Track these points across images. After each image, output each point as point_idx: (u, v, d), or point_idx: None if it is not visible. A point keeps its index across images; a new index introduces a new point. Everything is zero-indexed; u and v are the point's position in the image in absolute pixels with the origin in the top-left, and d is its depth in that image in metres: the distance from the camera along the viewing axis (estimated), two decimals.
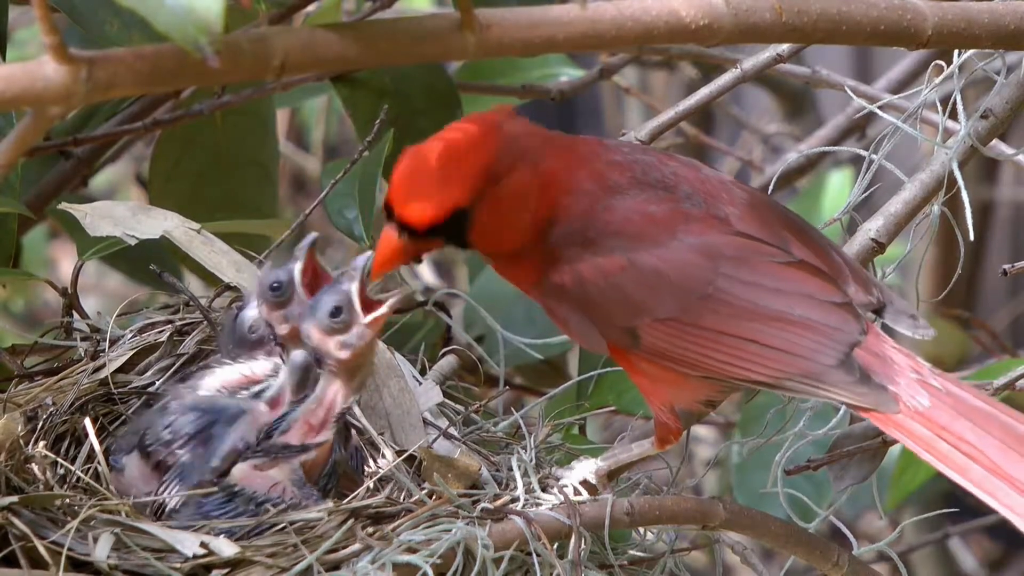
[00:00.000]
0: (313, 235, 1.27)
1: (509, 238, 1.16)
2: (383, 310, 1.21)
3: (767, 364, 1.13)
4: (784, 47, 1.40)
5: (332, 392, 1.22)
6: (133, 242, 1.33)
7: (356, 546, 1.13)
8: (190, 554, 1.11)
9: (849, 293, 1.15)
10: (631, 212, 1.16)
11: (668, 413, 1.18)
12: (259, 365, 1.25)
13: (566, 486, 1.19)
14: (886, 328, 1.18)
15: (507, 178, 1.15)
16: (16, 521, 1.11)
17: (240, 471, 1.19)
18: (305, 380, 1.23)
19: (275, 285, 1.25)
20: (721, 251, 1.14)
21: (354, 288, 1.21)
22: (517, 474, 1.20)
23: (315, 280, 1.25)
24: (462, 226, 1.15)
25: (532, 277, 1.18)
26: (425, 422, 1.29)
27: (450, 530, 1.13)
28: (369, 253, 1.22)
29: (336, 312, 1.21)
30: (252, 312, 1.26)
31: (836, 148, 1.65)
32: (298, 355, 1.23)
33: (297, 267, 1.25)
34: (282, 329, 1.25)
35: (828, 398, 1.13)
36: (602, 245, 1.15)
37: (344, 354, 1.21)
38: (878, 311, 1.17)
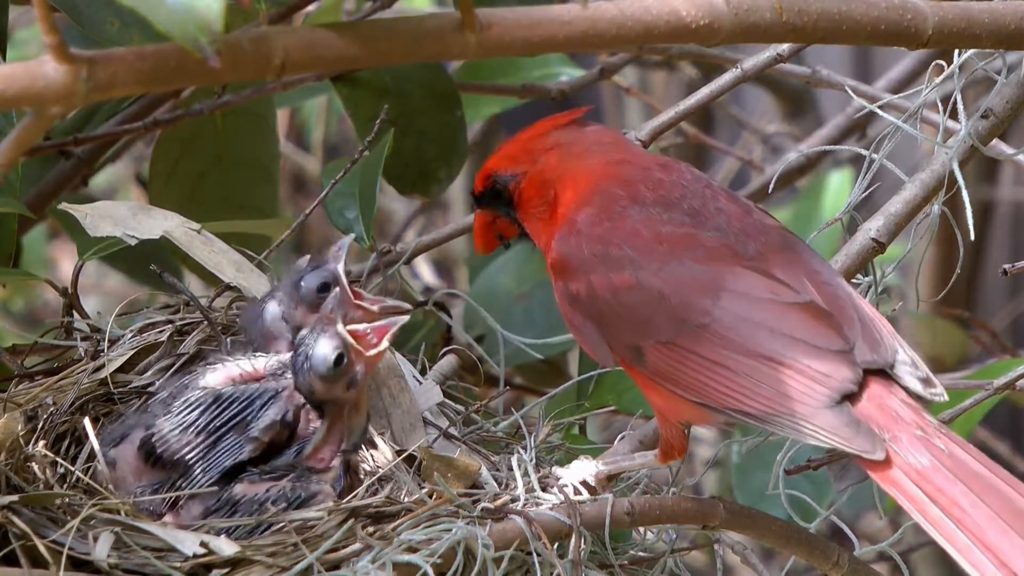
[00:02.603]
0: (350, 237, 1.27)
1: (539, 219, 1.22)
2: (384, 345, 1.21)
3: (757, 399, 1.12)
4: (784, 47, 1.40)
5: (338, 431, 1.22)
6: (133, 242, 1.33)
7: (356, 545, 1.13)
8: (190, 553, 1.11)
9: (850, 344, 1.14)
10: (640, 225, 1.17)
11: (678, 431, 1.19)
12: (260, 361, 1.24)
13: (566, 486, 1.19)
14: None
15: (544, 158, 1.22)
16: (16, 520, 1.11)
17: (242, 487, 1.19)
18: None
19: (323, 287, 1.24)
20: (724, 283, 1.14)
21: (341, 329, 1.21)
22: (517, 474, 1.19)
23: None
24: (510, 199, 1.22)
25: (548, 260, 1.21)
26: (425, 422, 1.29)
27: (450, 530, 1.13)
28: (336, 291, 1.23)
29: (340, 360, 1.21)
30: (275, 307, 1.25)
31: (836, 148, 1.65)
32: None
33: (340, 268, 1.24)
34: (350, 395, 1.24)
35: (815, 439, 1.12)
36: (612, 257, 1.16)
37: (352, 394, 1.22)
38: (886, 369, 1.15)
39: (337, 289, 1.23)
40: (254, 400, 1.22)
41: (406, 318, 1.24)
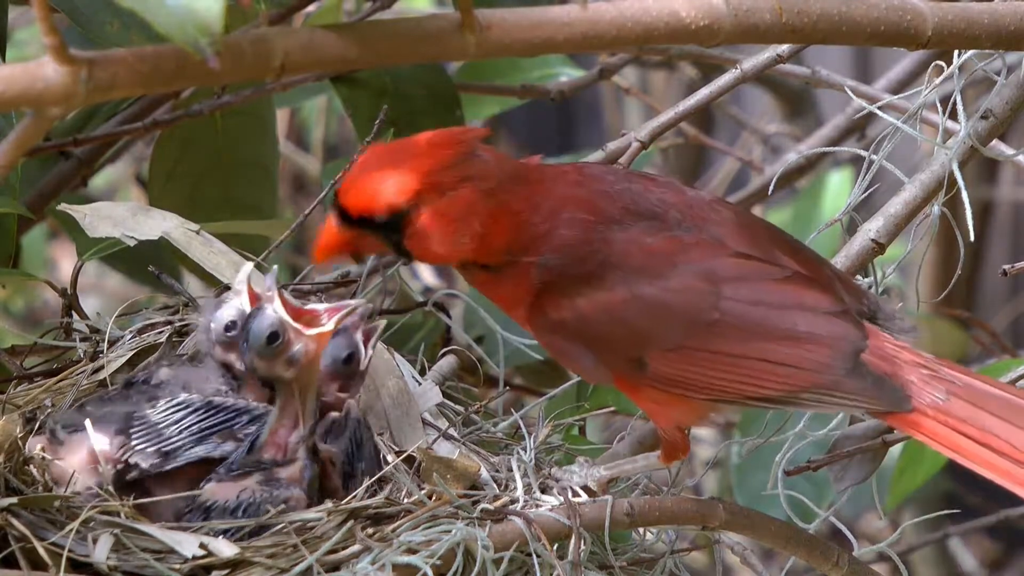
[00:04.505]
0: (274, 271, 1.24)
1: (443, 253, 1.15)
2: (330, 325, 1.21)
3: (780, 381, 1.12)
4: (784, 47, 1.40)
5: (291, 411, 1.22)
6: (132, 243, 1.33)
7: (356, 547, 1.13)
8: (189, 555, 1.11)
9: (845, 302, 1.15)
10: (628, 244, 1.15)
11: (676, 432, 1.18)
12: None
13: (566, 488, 1.19)
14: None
15: (453, 192, 1.14)
16: (15, 522, 1.11)
17: (210, 488, 1.19)
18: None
19: (229, 325, 1.23)
20: (721, 274, 1.14)
21: (278, 307, 1.21)
22: (517, 475, 1.19)
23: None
24: (397, 228, 1.14)
25: (519, 305, 1.17)
26: (425, 422, 1.29)
27: (450, 531, 1.13)
28: (275, 268, 1.23)
29: (273, 338, 1.20)
30: (227, 311, 1.25)
31: (836, 148, 1.65)
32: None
33: (280, 309, 1.21)
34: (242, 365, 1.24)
35: (844, 407, 1.13)
36: (602, 279, 1.14)
37: (291, 372, 1.21)
38: (871, 317, 1.17)
39: (275, 268, 1.24)
40: (242, 413, 1.22)
41: (361, 301, 1.23)
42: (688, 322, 1.13)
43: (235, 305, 1.24)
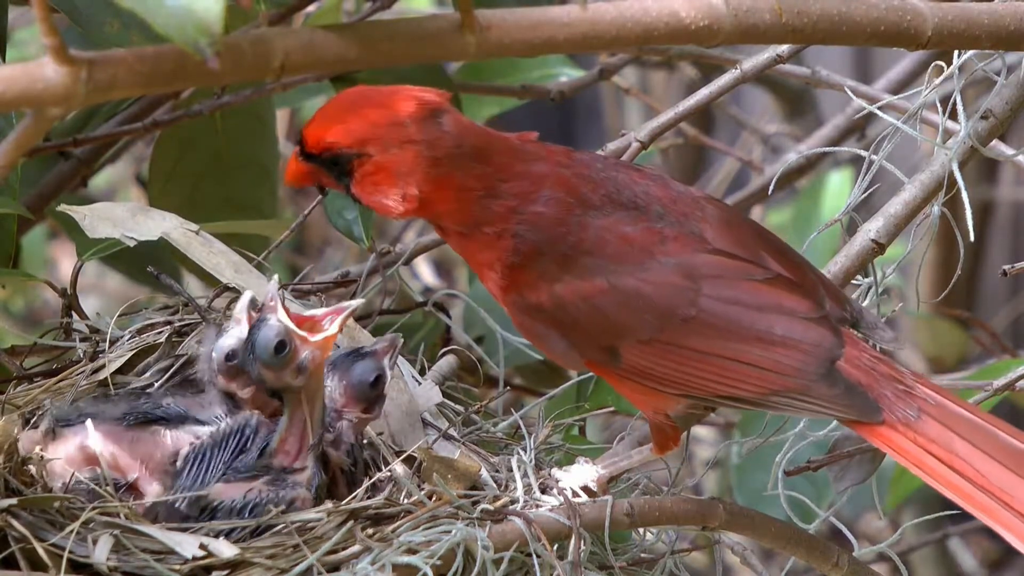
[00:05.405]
0: (275, 281, 1.24)
1: (381, 206, 1.16)
2: (333, 329, 1.21)
3: (752, 382, 1.13)
4: (784, 47, 1.40)
5: (299, 419, 1.21)
6: (132, 243, 1.33)
7: (356, 547, 1.13)
8: (189, 555, 1.11)
9: (826, 308, 1.15)
10: (605, 232, 1.15)
11: (663, 418, 1.18)
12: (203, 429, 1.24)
13: (566, 488, 1.19)
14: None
15: (397, 151, 1.14)
16: (15, 523, 1.11)
17: (218, 488, 1.19)
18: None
19: (230, 354, 1.23)
20: (701, 271, 1.14)
21: (283, 316, 1.21)
22: (517, 475, 1.19)
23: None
24: (345, 170, 1.15)
25: (488, 270, 1.17)
26: (425, 423, 1.29)
27: (450, 531, 1.13)
28: (276, 277, 1.23)
29: (281, 347, 1.20)
30: (228, 340, 1.24)
31: (836, 148, 1.65)
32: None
33: (283, 316, 1.21)
34: (245, 393, 1.24)
35: (815, 412, 1.13)
36: (579, 265, 1.14)
37: (300, 380, 1.21)
38: (853, 325, 1.17)
39: (276, 277, 1.23)
40: (244, 428, 1.22)
41: (360, 301, 1.23)
42: (664, 316, 1.13)
43: (235, 334, 1.23)
